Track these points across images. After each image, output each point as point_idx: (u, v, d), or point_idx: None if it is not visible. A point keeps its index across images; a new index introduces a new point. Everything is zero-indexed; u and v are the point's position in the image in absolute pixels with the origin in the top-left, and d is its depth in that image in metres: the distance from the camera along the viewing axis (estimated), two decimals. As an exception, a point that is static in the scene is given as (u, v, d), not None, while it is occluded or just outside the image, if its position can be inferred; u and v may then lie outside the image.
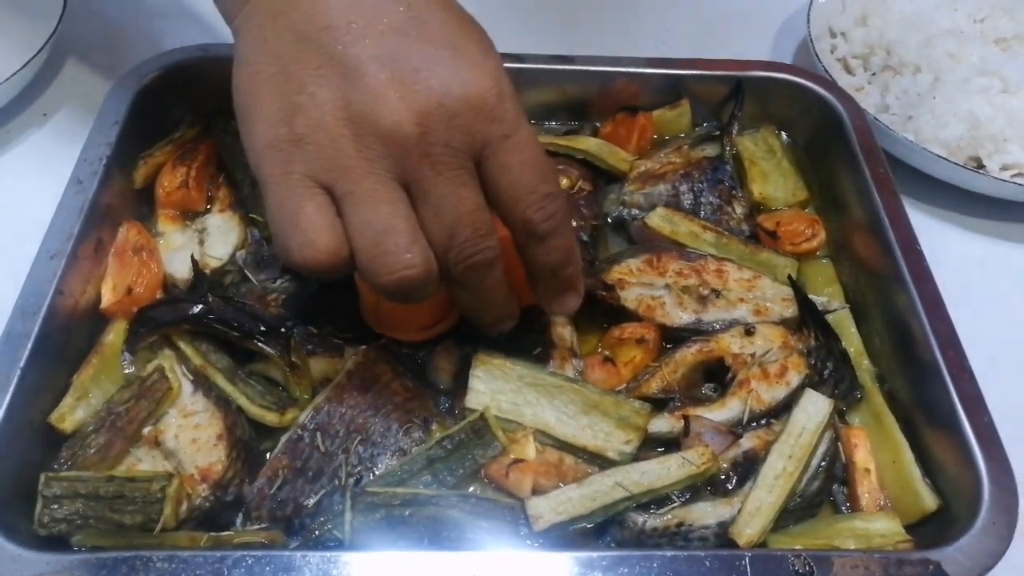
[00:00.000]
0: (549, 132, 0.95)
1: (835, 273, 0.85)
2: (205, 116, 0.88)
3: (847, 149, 0.88)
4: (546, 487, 0.66)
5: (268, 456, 0.67)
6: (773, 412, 0.72)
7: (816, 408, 0.70)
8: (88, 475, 0.63)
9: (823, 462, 0.69)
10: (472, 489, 0.67)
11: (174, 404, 0.68)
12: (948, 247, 0.93)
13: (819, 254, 0.87)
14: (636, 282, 0.79)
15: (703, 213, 0.86)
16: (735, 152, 0.92)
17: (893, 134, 0.93)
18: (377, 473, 0.66)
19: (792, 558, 0.60)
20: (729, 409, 0.72)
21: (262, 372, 0.71)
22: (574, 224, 0.83)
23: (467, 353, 0.73)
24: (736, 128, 0.93)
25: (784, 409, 0.72)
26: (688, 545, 0.65)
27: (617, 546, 0.65)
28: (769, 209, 0.89)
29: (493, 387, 0.70)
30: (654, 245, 0.82)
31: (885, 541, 0.65)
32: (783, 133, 0.97)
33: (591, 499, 0.65)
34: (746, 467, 0.68)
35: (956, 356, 0.72)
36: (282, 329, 0.70)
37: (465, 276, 0.59)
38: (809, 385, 0.72)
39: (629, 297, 0.77)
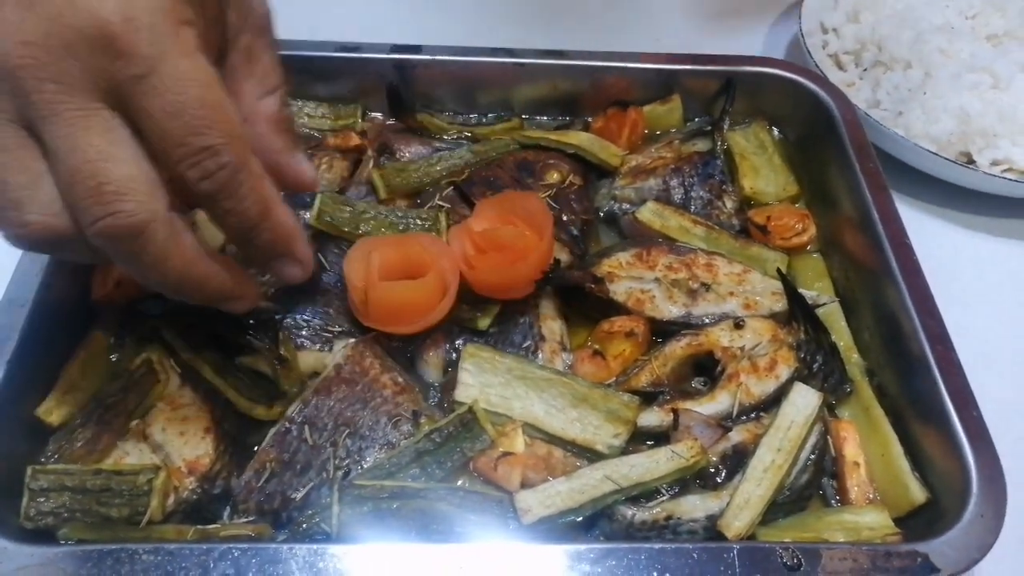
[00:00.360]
0: (541, 127, 0.95)
1: (825, 267, 0.86)
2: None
3: (838, 144, 0.88)
4: (535, 480, 0.66)
5: (256, 449, 0.67)
6: (763, 405, 0.72)
7: (805, 402, 0.70)
8: (75, 468, 0.63)
9: (812, 455, 0.69)
10: (461, 482, 0.67)
11: (162, 397, 0.68)
12: (938, 242, 0.93)
13: (809, 248, 0.87)
14: (626, 275, 0.79)
15: (694, 207, 0.86)
16: (726, 147, 0.92)
17: (884, 129, 0.93)
18: (365, 466, 0.66)
19: (780, 550, 0.60)
20: (718, 402, 0.72)
21: (251, 365, 0.71)
22: (564, 219, 0.83)
23: (457, 346, 0.73)
24: (727, 123, 0.93)
25: (774, 403, 0.72)
26: (677, 538, 0.65)
27: (606, 539, 0.65)
28: (760, 204, 0.89)
29: (482, 380, 0.69)
30: (644, 239, 0.82)
31: (874, 534, 0.65)
32: (774, 128, 0.97)
33: (580, 492, 0.64)
34: (735, 460, 0.68)
35: (945, 350, 0.72)
36: (271, 322, 0.70)
37: (103, 244, 0.50)
38: (798, 379, 0.72)
39: (619, 290, 0.77)
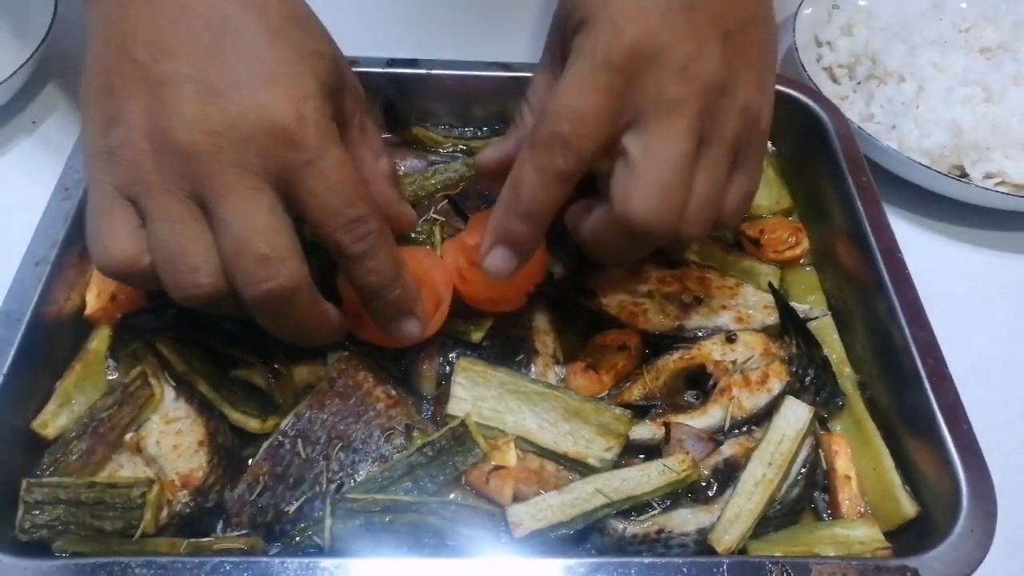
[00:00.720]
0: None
1: (818, 281, 0.86)
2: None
3: (831, 158, 0.88)
4: (527, 494, 0.66)
5: (250, 462, 0.67)
6: (754, 419, 0.72)
7: (796, 415, 0.70)
8: (69, 481, 0.63)
9: (803, 469, 0.69)
10: (453, 496, 0.67)
11: (156, 410, 0.68)
12: (931, 255, 0.94)
13: (802, 262, 0.87)
14: (619, 289, 0.79)
15: (687, 221, 0.86)
16: (720, 160, 0.92)
17: (877, 143, 0.94)
18: (358, 480, 0.66)
19: (770, 565, 0.60)
20: (710, 416, 0.72)
21: (245, 378, 0.71)
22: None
23: (450, 359, 0.73)
24: (721, 137, 0.94)
25: (765, 416, 0.72)
26: (668, 552, 0.65)
27: (598, 553, 0.65)
28: (753, 217, 0.90)
29: (475, 394, 0.70)
30: (638, 253, 0.83)
31: (864, 548, 0.65)
32: (767, 142, 0.97)
33: (571, 506, 0.65)
34: (727, 474, 0.69)
35: (936, 364, 0.72)
36: (265, 335, 0.70)
37: (258, 304, 0.59)
38: (790, 392, 0.73)
39: (612, 303, 0.78)
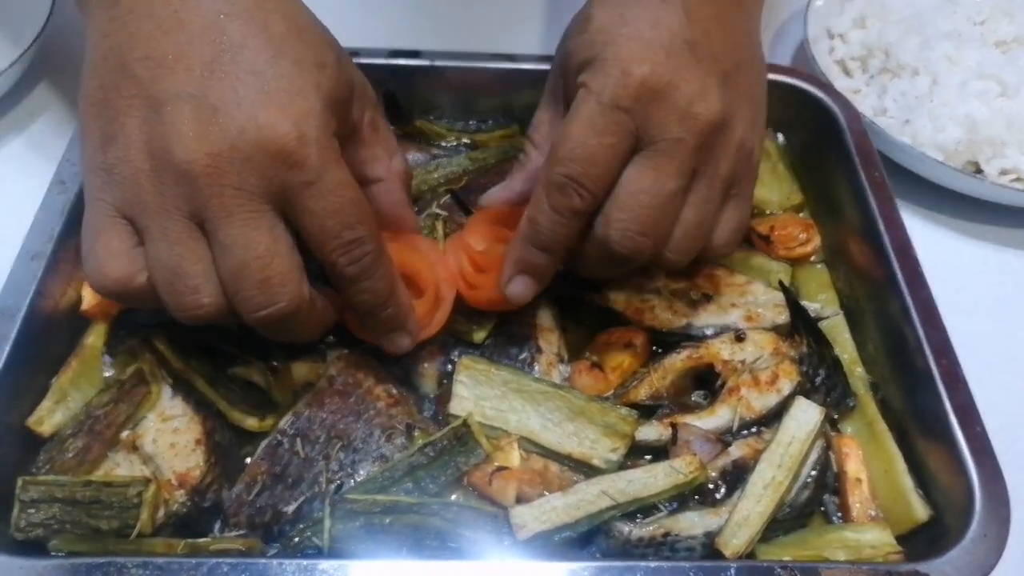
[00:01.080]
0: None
1: (830, 279, 0.84)
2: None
3: (843, 153, 0.87)
4: (530, 495, 0.65)
5: (248, 461, 0.66)
6: (763, 420, 0.71)
7: (807, 417, 0.68)
8: (65, 479, 0.63)
9: (813, 471, 0.68)
10: (455, 497, 0.66)
11: (153, 408, 0.67)
12: (945, 252, 0.92)
13: (813, 259, 0.85)
14: (625, 284, 0.77)
15: (695, 217, 0.85)
16: (729, 155, 0.90)
17: (890, 138, 0.92)
18: (358, 480, 0.65)
19: (779, 569, 0.59)
20: (718, 417, 0.70)
21: (243, 375, 0.70)
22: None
23: (452, 358, 0.72)
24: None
25: (775, 417, 0.70)
26: (674, 555, 0.63)
27: (602, 556, 0.64)
28: (763, 213, 0.88)
29: (477, 393, 0.69)
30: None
31: (875, 552, 0.64)
32: (779, 136, 0.95)
33: (576, 508, 0.63)
34: (735, 476, 0.67)
35: (950, 365, 0.70)
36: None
37: (259, 325, 0.59)
38: (801, 393, 0.71)
39: (618, 299, 0.76)
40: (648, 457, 0.69)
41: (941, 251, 0.91)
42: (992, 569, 0.60)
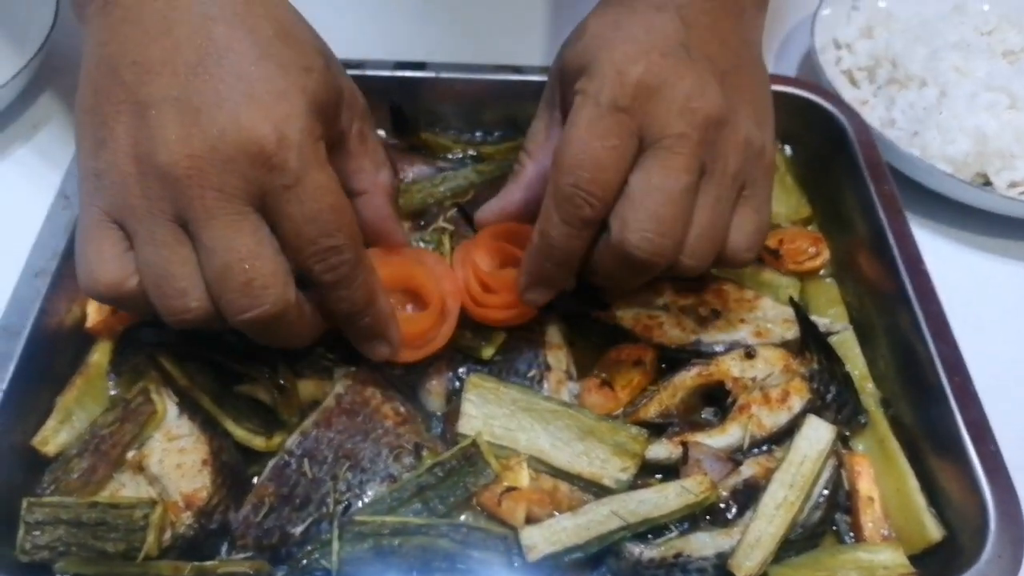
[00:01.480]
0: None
1: (839, 293, 0.83)
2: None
3: (852, 165, 0.86)
4: (540, 516, 0.64)
5: (255, 481, 0.66)
6: (774, 438, 0.70)
7: (818, 435, 0.68)
8: (71, 501, 0.62)
9: (825, 490, 0.67)
10: (464, 518, 0.65)
11: (159, 427, 0.66)
12: (955, 266, 0.91)
13: (823, 273, 0.85)
14: (634, 301, 0.77)
15: (704, 230, 0.84)
16: (737, 167, 0.90)
17: (899, 150, 0.91)
18: (366, 501, 0.64)
19: (792, 592, 0.59)
20: (729, 435, 0.70)
21: (249, 394, 0.69)
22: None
23: (460, 375, 0.71)
24: (738, 143, 0.91)
25: (786, 435, 0.70)
26: (686, 576, 0.63)
27: (613, 577, 0.63)
28: (772, 227, 0.87)
29: (486, 411, 0.68)
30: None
31: (889, 573, 0.63)
32: (787, 148, 0.95)
33: (586, 529, 0.63)
34: (746, 495, 0.66)
35: (962, 381, 0.70)
36: (270, 350, 0.68)
37: (245, 327, 0.58)
38: (811, 410, 0.70)
39: (626, 316, 0.76)
40: (658, 476, 0.69)
41: (950, 265, 0.90)
42: (1007, 591, 0.60)
